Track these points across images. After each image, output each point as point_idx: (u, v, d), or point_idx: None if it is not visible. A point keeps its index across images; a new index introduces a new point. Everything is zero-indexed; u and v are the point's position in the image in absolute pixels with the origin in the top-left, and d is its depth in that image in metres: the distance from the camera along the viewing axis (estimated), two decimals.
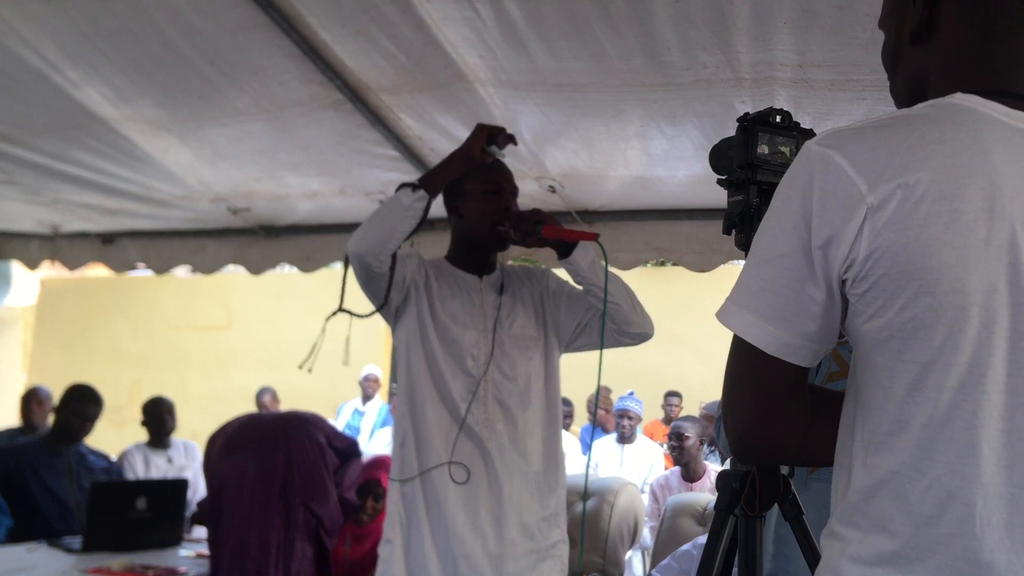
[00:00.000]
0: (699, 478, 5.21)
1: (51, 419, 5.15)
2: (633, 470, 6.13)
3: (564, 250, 2.34)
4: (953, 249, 0.97)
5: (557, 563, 2.43)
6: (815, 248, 1.01)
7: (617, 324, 2.36)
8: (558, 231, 2.31)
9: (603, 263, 2.32)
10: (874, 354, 1.02)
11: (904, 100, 1.17)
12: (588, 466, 2.50)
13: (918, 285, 0.98)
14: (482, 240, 2.47)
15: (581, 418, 8.45)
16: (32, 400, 5.22)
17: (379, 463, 4.30)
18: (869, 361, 1.03)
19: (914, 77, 1.15)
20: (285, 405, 7.99)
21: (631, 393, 6.62)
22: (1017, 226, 0.98)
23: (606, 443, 6.60)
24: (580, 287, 2.42)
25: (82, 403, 4.24)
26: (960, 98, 1.05)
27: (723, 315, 1.09)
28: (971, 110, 1.04)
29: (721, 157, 1.65)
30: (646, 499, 5.66)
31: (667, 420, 8.14)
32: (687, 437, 5.18)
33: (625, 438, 6.47)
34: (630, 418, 6.45)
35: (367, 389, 8.17)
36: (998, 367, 0.97)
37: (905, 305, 0.98)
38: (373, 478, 4.16)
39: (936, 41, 1.12)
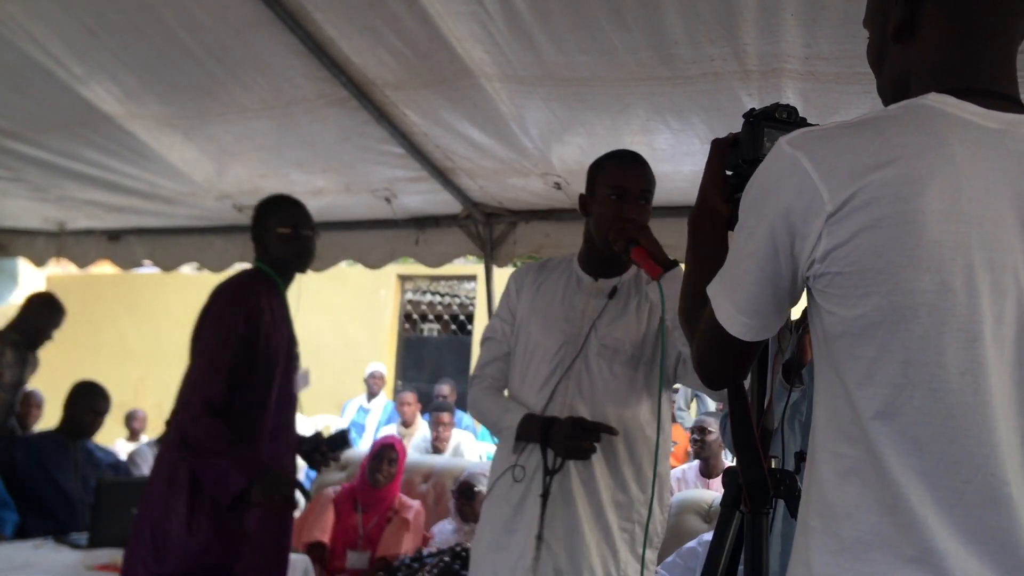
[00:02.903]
0: (718, 475, 5.15)
1: (32, 421, 5.22)
2: None
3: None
4: (903, 250, 0.99)
5: None
6: (781, 247, 1.08)
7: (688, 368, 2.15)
8: (643, 257, 2.11)
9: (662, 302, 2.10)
10: (832, 347, 1.06)
11: (889, 99, 1.19)
12: None
13: (868, 285, 1.01)
14: (596, 246, 2.31)
15: None
16: (30, 403, 5.26)
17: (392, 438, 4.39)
18: (829, 354, 1.07)
19: (897, 76, 1.17)
20: None
21: None
22: (974, 228, 1.00)
23: None
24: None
25: (92, 399, 4.25)
26: (933, 99, 1.07)
27: (713, 297, 1.18)
28: (941, 111, 1.05)
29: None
30: None
31: (671, 416, 8.12)
32: (710, 432, 5.12)
33: None
34: None
35: (372, 386, 8.17)
36: (950, 366, 0.99)
37: (856, 303, 1.02)
38: (388, 442, 4.23)
39: (918, 40, 1.14)
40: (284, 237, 2.81)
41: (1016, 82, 1.12)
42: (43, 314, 4.74)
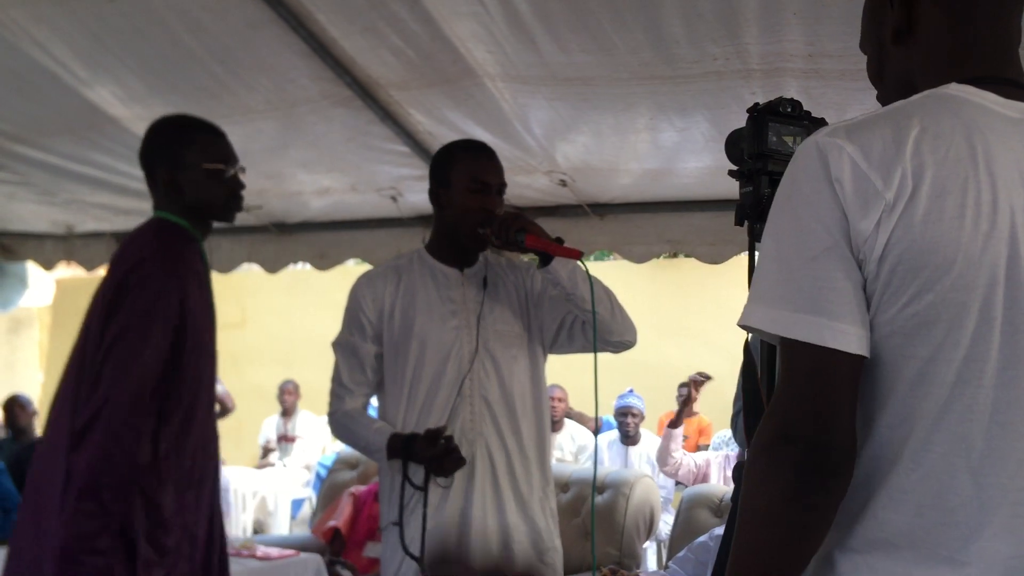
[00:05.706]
0: None
1: (25, 423, 5.30)
2: (638, 470, 5.72)
3: (545, 259, 2.23)
4: (957, 245, 0.97)
5: (549, 571, 2.35)
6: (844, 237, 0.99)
7: (599, 333, 2.25)
8: (541, 243, 2.19)
9: (587, 276, 2.22)
10: (878, 347, 1.01)
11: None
12: (596, 460, 2.46)
13: (922, 282, 0.98)
14: (461, 238, 2.38)
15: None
16: (14, 406, 5.31)
17: None
18: (873, 354, 1.02)
19: (901, 78, 1.16)
20: (300, 402, 8.04)
21: (631, 390, 5.99)
22: (1018, 218, 0.98)
23: (611, 441, 6.05)
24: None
25: None
26: (955, 88, 1.05)
27: (782, 326, 1.00)
28: (967, 101, 1.04)
29: (734, 147, 1.64)
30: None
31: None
32: None
33: (630, 438, 5.90)
34: (633, 415, 5.86)
35: None
36: (994, 360, 0.98)
37: (909, 302, 0.98)
38: None
39: (917, 37, 1.13)
40: (213, 175, 2.22)
41: (1022, 68, 1.10)
42: None
